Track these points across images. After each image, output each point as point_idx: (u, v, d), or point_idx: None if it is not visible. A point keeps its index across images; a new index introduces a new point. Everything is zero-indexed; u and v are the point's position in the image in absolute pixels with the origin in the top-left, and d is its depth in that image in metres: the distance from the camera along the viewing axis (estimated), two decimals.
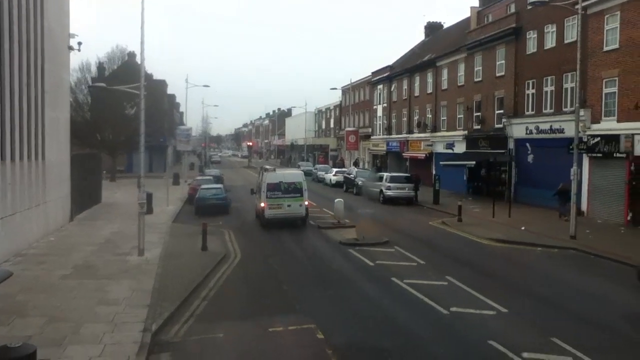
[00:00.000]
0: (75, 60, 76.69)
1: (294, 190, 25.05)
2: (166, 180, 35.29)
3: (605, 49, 25.65)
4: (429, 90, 46.46)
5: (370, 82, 61.12)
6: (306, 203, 25.35)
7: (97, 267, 16.26)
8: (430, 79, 46.45)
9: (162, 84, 69.29)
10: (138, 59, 19.87)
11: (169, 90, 76.96)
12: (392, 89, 55.16)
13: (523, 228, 23.21)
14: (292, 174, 26.57)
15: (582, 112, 24.22)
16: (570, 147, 22.55)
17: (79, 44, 25.26)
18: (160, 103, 62.30)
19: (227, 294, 14.09)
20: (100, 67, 55.05)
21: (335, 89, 71.14)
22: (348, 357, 9.71)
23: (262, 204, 24.84)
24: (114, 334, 10.62)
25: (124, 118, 48.90)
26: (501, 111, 34.95)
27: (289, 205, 24.84)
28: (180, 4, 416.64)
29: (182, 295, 13.41)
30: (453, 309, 12.20)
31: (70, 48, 25.05)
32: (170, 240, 21.00)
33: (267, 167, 26.89)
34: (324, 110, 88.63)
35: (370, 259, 17.51)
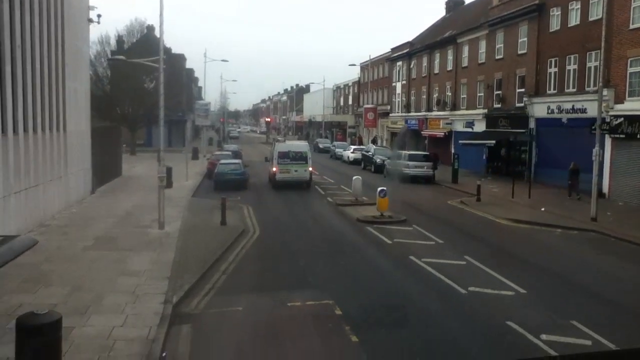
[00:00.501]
0: (94, 33, 76.75)
1: (300, 158, 29.82)
2: (185, 155, 35.50)
3: (632, 27, 25.01)
4: (449, 68, 45.86)
5: (390, 59, 60.47)
6: (310, 169, 30.02)
7: (118, 239, 16.51)
8: (450, 56, 45.83)
9: (181, 58, 69.24)
10: (157, 33, 19.86)
11: (188, 65, 76.95)
12: (411, 66, 54.56)
13: (543, 209, 23.02)
14: (299, 145, 32.50)
15: (605, 92, 23.72)
16: (593, 127, 22.19)
17: (99, 16, 25.28)
18: (179, 77, 62.34)
19: (246, 268, 14.23)
20: (120, 40, 55.07)
21: (354, 65, 70.47)
22: (366, 334, 9.79)
23: (274, 169, 29.88)
24: (136, 305, 10.81)
25: (143, 92, 49.10)
26: (522, 90, 34.42)
27: (295, 171, 29.70)
28: None
29: (202, 269, 13.57)
30: (471, 288, 12.20)
31: (90, 20, 25.08)
32: (189, 215, 21.20)
33: (279, 138, 32.44)
34: (342, 86, 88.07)
35: (388, 237, 17.53)
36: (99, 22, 25.19)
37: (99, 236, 16.83)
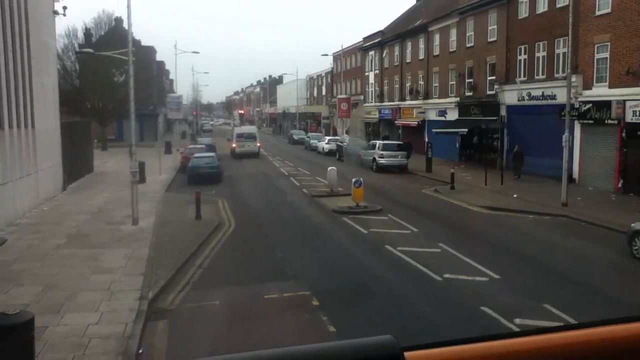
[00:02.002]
0: (61, 25, 75.26)
1: (250, 137, 45.46)
2: (158, 149, 35.10)
3: (597, 13, 25.42)
4: (421, 57, 46.08)
5: (362, 48, 60.51)
6: (258, 144, 45.84)
7: (91, 236, 16.28)
8: (422, 45, 46.03)
9: (151, 50, 68.27)
10: (125, 25, 19.51)
11: (158, 57, 75.91)
12: (383, 55, 54.68)
13: (515, 196, 23.37)
14: (249, 128, 52.71)
15: (573, 78, 24.12)
16: (562, 113, 22.56)
17: (64, 8, 24.70)
18: (149, 70, 61.50)
19: (222, 262, 14.18)
20: (87, 33, 54.01)
21: (327, 55, 70.44)
22: (344, 324, 9.85)
23: (234, 144, 45.00)
24: (111, 302, 10.69)
25: (112, 85, 48.31)
26: (493, 77, 34.81)
27: (248, 145, 44.08)
28: None
29: (177, 264, 13.47)
30: (446, 275, 12.34)
31: (55, 12, 24.51)
32: (163, 209, 21.00)
33: (235, 124, 52.24)
34: (315, 77, 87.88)
35: (364, 227, 17.61)
36: (64, 14, 24.64)
37: (71, 234, 16.57)
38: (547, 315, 10.01)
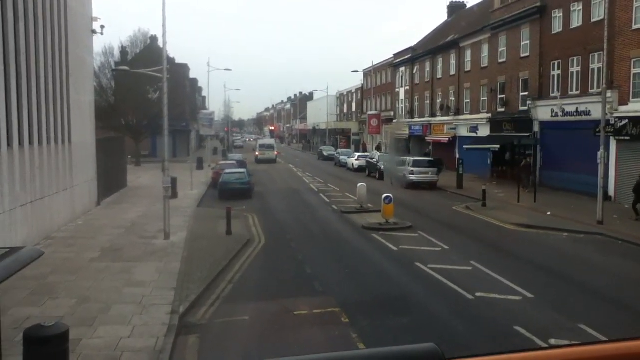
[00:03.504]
0: (98, 44, 77.27)
1: (269, 147, 59.73)
2: (190, 165, 35.58)
3: (634, 27, 24.96)
4: (452, 72, 45.88)
5: (392, 65, 60.55)
6: (276, 153, 59.46)
7: (124, 250, 16.54)
8: (453, 61, 45.86)
9: (185, 68, 69.50)
10: (160, 43, 19.95)
11: (191, 75, 77.24)
12: (414, 71, 54.61)
13: (549, 213, 22.93)
14: (269, 140, 69.44)
15: (609, 94, 23.69)
16: (597, 129, 22.13)
17: (102, 27, 25.45)
18: (183, 87, 62.57)
19: (253, 277, 14.23)
20: (124, 51, 55.35)
21: (357, 71, 70.62)
22: (374, 341, 9.75)
23: (257, 153, 58.89)
24: (143, 316, 10.81)
25: (147, 102, 49.25)
26: (526, 93, 34.41)
27: (268, 154, 57.49)
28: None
29: (208, 278, 13.57)
30: (478, 294, 12.15)
31: (94, 31, 25.25)
32: (195, 224, 21.22)
33: (259, 137, 78.00)
34: (345, 93, 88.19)
35: (394, 244, 17.49)
36: (102, 34, 25.39)
37: (105, 247, 16.87)
38: (583, 335, 9.75)
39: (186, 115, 62.88)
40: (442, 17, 59.85)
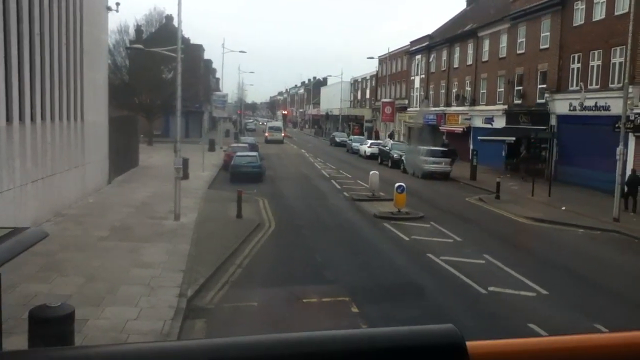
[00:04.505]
0: (113, 22, 77.12)
1: (277, 129, 66.95)
2: (202, 146, 35.44)
3: None
4: (469, 62, 45.26)
5: (409, 52, 59.89)
6: (283, 135, 66.14)
7: (134, 230, 16.45)
8: (470, 50, 45.22)
9: (199, 48, 69.14)
10: (176, 23, 19.69)
11: (206, 56, 76.89)
12: (430, 60, 53.97)
13: (563, 208, 22.58)
14: (277, 123, 79.47)
15: (630, 89, 23.11)
16: (617, 125, 21.67)
17: (117, 4, 25.17)
18: (197, 68, 62.26)
19: (262, 262, 14.08)
20: (139, 29, 55.03)
21: (372, 58, 69.88)
22: None
23: (266, 134, 64.94)
24: (150, 297, 10.69)
25: (161, 82, 49.08)
26: (544, 86, 33.84)
27: (275, 135, 64.04)
28: None
29: (217, 262, 13.44)
30: (491, 288, 11.91)
31: (109, 8, 25.00)
32: (205, 206, 21.10)
33: (268, 121, 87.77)
34: (360, 80, 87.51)
35: (406, 234, 17.25)
36: (117, 11, 25.11)
37: (114, 226, 16.78)
38: None
39: (200, 97, 62.69)
40: (459, 5, 58.90)
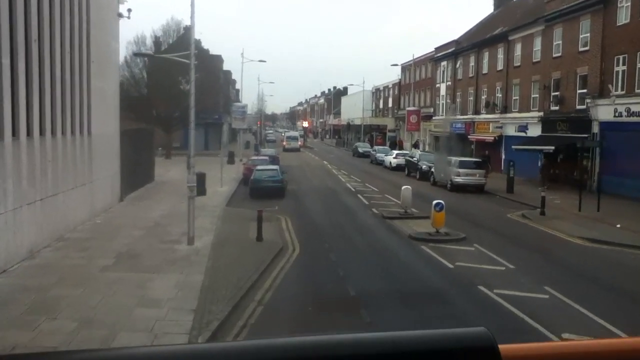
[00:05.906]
0: (130, 32, 76.19)
1: (294, 138, 73.71)
2: (221, 159, 33.77)
3: None
4: (499, 67, 43.04)
5: (434, 59, 57.80)
6: (300, 144, 72.32)
7: (142, 257, 14.65)
8: (500, 55, 42.99)
9: (218, 59, 67.92)
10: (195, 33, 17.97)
11: (225, 67, 75.67)
12: (457, 66, 51.81)
13: (618, 225, 20.26)
14: (294, 133, 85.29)
15: None
16: None
17: (129, 10, 23.58)
18: (216, 78, 60.98)
19: (285, 299, 12.13)
20: (157, 41, 53.77)
21: (396, 65, 67.84)
22: None
23: (284, 143, 71.01)
24: None
25: (179, 93, 47.61)
26: (584, 90, 31.52)
27: (293, 144, 69.74)
28: None
29: (234, 298, 11.52)
30: (565, 334, 9.80)
31: (120, 15, 23.43)
32: (222, 227, 19.27)
33: (286, 130, 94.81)
34: (381, 88, 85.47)
35: (449, 260, 15.10)
36: (129, 17, 23.52)
37: (120, 252, 15.00)
38: None
39: (219, 108, 61.29)
40: (487, 9, 56.78)
